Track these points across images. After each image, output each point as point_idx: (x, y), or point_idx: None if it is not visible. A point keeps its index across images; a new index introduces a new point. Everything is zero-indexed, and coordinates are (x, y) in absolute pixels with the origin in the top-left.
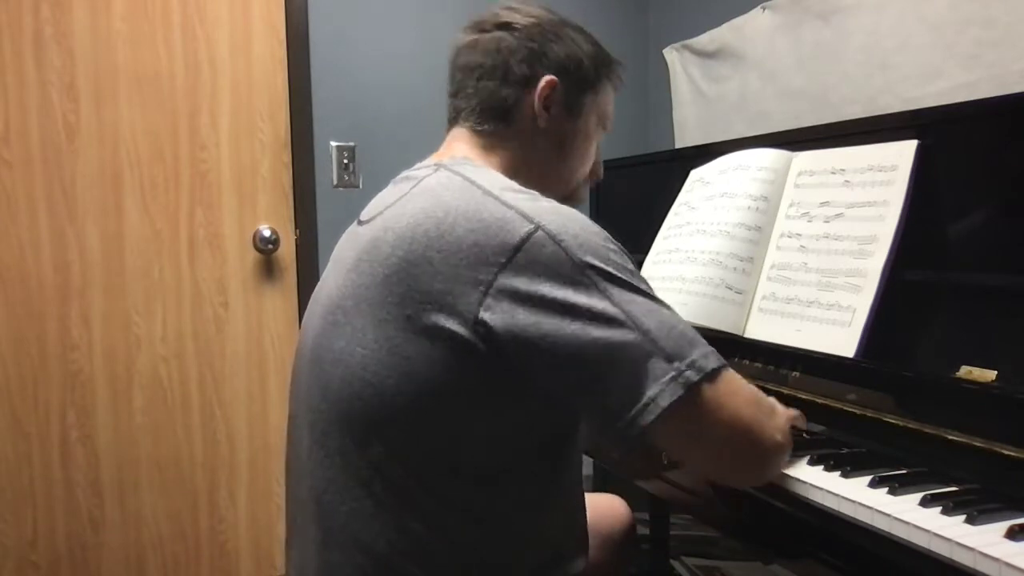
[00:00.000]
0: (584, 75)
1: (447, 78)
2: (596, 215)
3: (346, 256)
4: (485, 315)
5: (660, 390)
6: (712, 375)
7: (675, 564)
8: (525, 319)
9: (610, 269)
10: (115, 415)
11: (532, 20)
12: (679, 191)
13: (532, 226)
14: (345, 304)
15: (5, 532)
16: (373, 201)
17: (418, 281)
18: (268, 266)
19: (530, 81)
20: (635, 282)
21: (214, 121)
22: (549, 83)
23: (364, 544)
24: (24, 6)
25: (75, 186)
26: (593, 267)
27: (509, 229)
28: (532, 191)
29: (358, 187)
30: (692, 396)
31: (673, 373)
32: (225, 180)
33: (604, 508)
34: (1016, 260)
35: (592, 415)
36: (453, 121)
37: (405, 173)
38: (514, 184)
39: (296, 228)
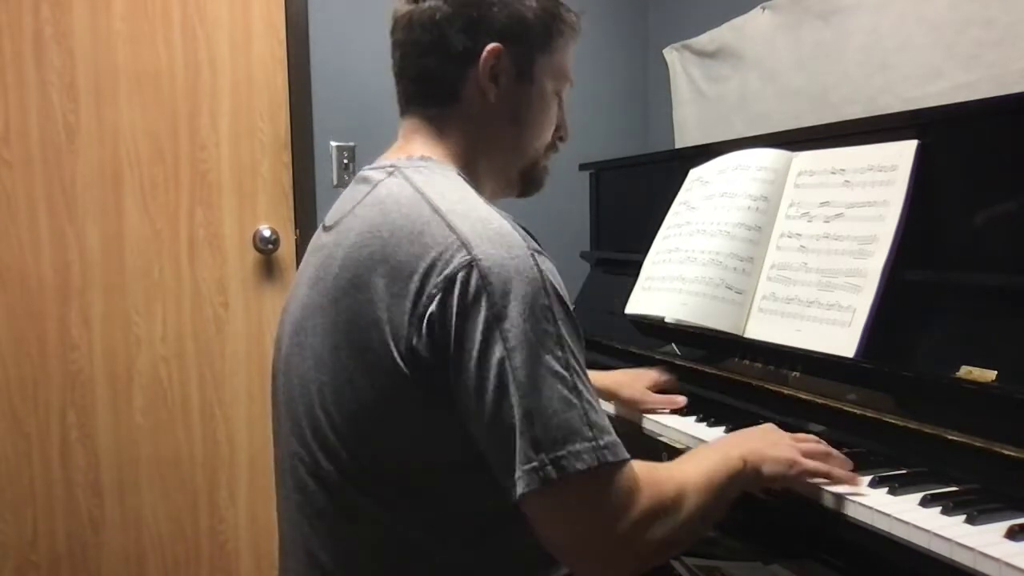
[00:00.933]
0: (532, 36)
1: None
2: (596, 215)
3: (308, 268)
4: (415, 340)
5: (519, 476)
6: (576, 476)
7: (675, 564)
8: (442, 353)
9: (523, 328)
10: (115, 415)
11: None
12: (679, 191)
13: (468, 258)
14: (306, 324)
15: (5, 532)
16: (336, 203)
17: (362, 307)
18: (268, 266)
19: (472, 53)
20: (545, 349)
21: (214, 121)
22: (492, 52)
23: (350, 571)
24: (24, 6)
25: (75, 186)
26: (506, 320)
27: (447, 258)
28: (489, 207)
29: None
30: (550, 491)
31: (535, 464)
32: (225, 180)
33: None
34: (1016, 260)
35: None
36: (405, 108)
37: (364, 172)
38: (467, 194)
39: (296, 228)
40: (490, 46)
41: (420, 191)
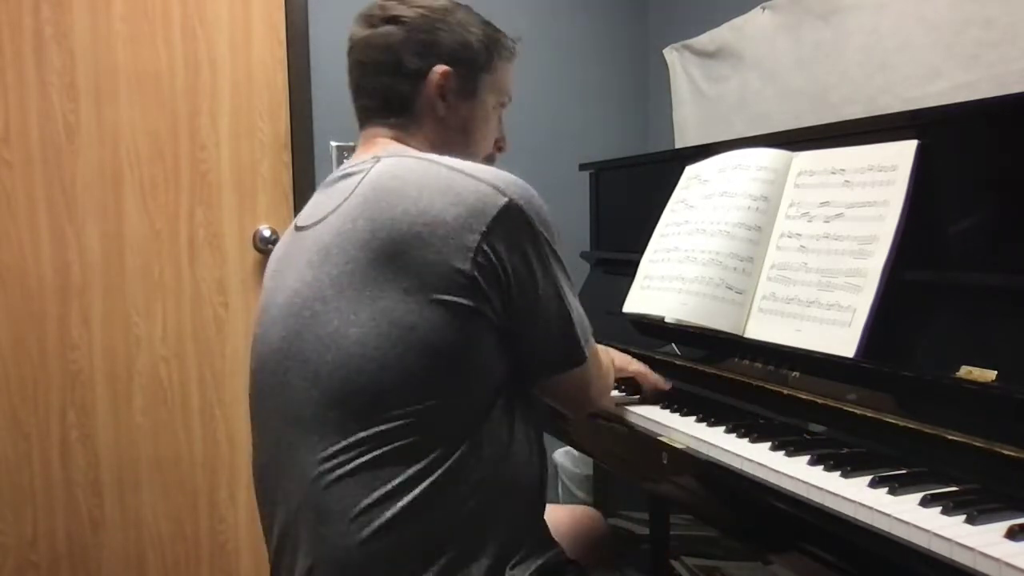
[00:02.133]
0: (475, 58)
1: (347, 72)
2: (596, 215)
3: (296, 260)
4: (475, 272)
5: (568, 354)
6: (592, 355)
7: (675, 564)
8: (503, 275)
9: (552, 248)
10: (115, 415)
11: (418, 11)
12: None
13: (506, 199)
14: (323, 294)
15: (5, 532)
16: (308, 207)
17: (411, 256)
18: None
19: (423, 73)
20: (563, 264)
21: (214, 121)
22: (442, 74)
23: (364, 515)
24: (24, 6)
25: (75, 186)
26: (547, 242)
27: (487, 201)
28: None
29: None
30: (582, 367)
31: (581, 346)
32: (225, 180)
33: (579, 516)
34: (1016, 260)
35: (541, 359)
36: (365, 121)
37: (338, 173)
38: (456, 159)
39: None
40: (439, 68)
41: (423, 158)
